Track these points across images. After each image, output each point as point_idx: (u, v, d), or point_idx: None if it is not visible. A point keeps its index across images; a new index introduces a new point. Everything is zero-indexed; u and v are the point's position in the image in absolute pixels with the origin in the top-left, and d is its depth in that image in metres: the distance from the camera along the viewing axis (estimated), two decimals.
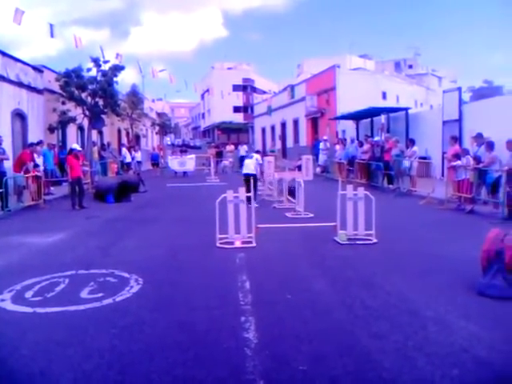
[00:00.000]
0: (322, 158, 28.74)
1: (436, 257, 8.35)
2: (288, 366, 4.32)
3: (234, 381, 4.09)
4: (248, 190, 10.89)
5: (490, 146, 13.54)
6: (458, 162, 14.27)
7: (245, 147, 40.73)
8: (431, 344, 4.73)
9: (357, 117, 28.16)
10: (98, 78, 24.26)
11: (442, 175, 18.86)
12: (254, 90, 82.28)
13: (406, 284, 6.82)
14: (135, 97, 39.68)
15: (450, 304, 5.92)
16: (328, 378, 4.10)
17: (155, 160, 34.22)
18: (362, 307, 5.85)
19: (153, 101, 63.37)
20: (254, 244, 9.36)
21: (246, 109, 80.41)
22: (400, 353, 4.53)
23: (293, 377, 4.13)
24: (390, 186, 19.14)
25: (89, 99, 24.26)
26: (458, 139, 17.69)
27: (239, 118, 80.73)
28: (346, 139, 28.62)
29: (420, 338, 4.88)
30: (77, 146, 17.04)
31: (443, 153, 19.64)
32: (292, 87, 43.68)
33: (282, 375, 4.17)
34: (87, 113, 24.42)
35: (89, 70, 24.24)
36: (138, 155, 31.07)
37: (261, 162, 16.42)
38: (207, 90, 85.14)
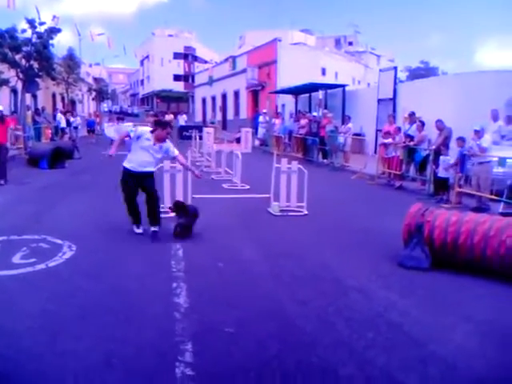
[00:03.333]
0: (261, 131, 28.97)
1: (363, 229, 8.77)
2: (216, 328, 4.53)
3: (163, 342, 4.26)
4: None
5: (421, 125, 14.13)
6: (390, 140, 14.82)
7: (184, 117, 40.41)
8: (351, 310, 5.07)
9: (296, 92, 28.50)
10: (33, 40, 23.25)
11: (375, 152, 19.50)
12: (196, 58, 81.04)
13: (333, 255, 7.17)
14: (72, 61, 38.37)
15: (373, 274, 6.30)
16: (253, 341, 4.35)
17: (91, 127, 33.36)
18: (290, 276, 6.14)
19: (90, 65, 61.48)
20: None
21: (186, 78, 79.20)
22: (321, 318, 4.84)
23: (220, 339, 4.35)
24: (325, 160, 19.66)
25: (23, 62, 23.25)
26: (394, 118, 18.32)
27: (179, 86, 79.45)
28: (281, 113, 29.15)
29: (341, 304, 5.22)
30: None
31: (377, 130, 20.29)
32: (234, 58, 43.43)
33: (210, 337, 4.38)
34: (21, 76, 23.42)
35: (23, 31, 23.19)
36: (78, 120, 30.23)
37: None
38: (147, 57, 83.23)
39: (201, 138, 22.69)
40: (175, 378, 3.70)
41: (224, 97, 46.17)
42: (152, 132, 7.77)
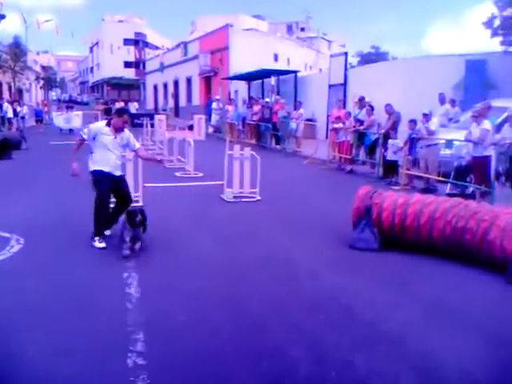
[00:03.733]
0: (214, 117, 28.82)
1: (314, 213, 8.89)
2: (168, 317, 4.52)
3: (114, 333, 4.21)
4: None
5: (371, 109, 14.36)
6: (340, 125, 15.02)
7: (135, 104, 39.77)
8: (302, 292, 5.17)
9: (249, 78, 28.41)
10: None
11: (327, 137, 19.72)
12: (147, 45, 79.56)
13: (285, 239, 7.24)
14: (18, 48, 37.22)
15: (323, 256, 6.46)
16: (206, 328, 4.35)
17: (39, 116, 32.43)
18: (242, 261, 6.19)
19: (37, 53, 59.73)
20: (140, 203, 9.32)
21: (137, 64, 77.67)
22: (273, 302, 4.92)
23: (172, 327, 4.35)
24: (278, 146, 19.80)
25: None
26: (345, 103, 18.56)
27: (130, 73, 77.91)
28: (234, 99, 29.12)
29: (292, 287, 5.32)
30: None
31: (328, 115, 20.49)
32: (185, 44, 42.94)
33: (162, 326, 4.37)
34: None
35: None
36: (25, 110, 29.35)
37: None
38: (96, 43, 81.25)
39: (152, 125, 22.37)
40: (127, 368, 3.68)
41: (176, 83, 45.64)
42: (108, 124, 6.85)
